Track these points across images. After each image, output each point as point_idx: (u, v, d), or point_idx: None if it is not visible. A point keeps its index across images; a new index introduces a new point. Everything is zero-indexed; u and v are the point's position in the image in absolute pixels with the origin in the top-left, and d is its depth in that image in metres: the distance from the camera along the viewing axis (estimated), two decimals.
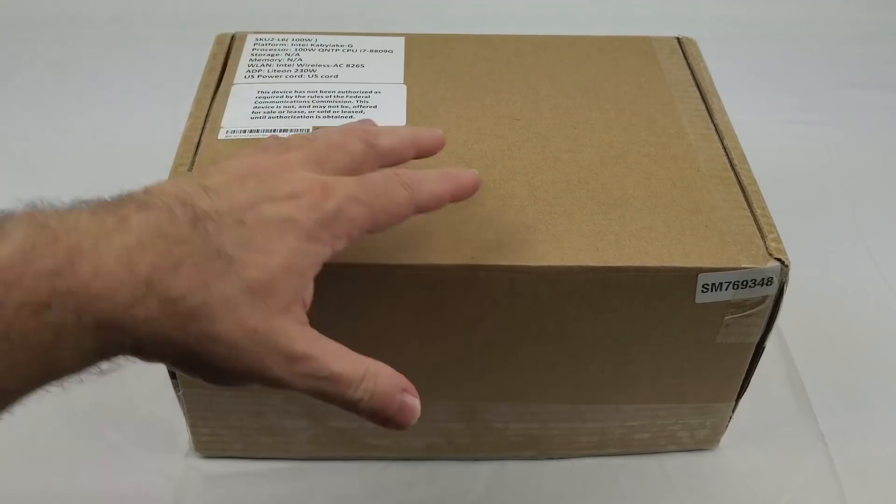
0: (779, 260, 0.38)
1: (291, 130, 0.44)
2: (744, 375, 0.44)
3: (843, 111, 0.75)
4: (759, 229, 0.39)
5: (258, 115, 0.45)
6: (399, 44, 0.52)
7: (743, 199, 0.41)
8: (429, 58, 0.51)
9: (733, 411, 0.47)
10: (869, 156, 0.72)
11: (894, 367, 0.56)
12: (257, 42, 0.52)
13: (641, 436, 0.48)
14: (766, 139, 0.72)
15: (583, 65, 0.51)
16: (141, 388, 0.51)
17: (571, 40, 0.53)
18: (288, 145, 0.32)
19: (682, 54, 0.52)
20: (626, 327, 0.40)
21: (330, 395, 0.29)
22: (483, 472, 0.49)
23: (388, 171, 0.32)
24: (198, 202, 0.27)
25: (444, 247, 0.38)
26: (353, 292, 0.38)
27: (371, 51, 0.51)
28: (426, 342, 0.41)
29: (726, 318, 0.40)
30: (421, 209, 0.33)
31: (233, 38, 0.52)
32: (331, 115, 0.45)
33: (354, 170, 0.32)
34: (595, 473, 0.49)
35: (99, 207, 0.26)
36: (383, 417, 0.31)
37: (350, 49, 0.51)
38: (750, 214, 0.40)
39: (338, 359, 0.29)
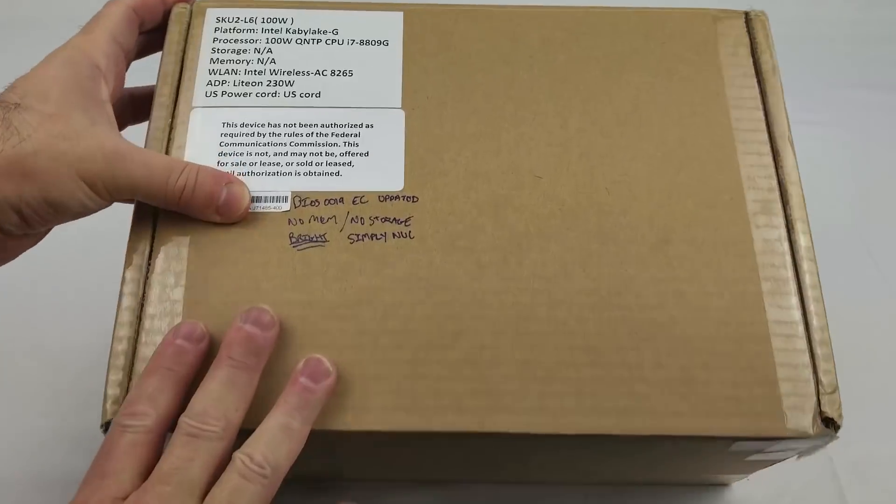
0: (830, 423, 0.33)
1: (266, 196, 0.36)
2: None
3: (843, 111, 0.71)
4: (815, 371, 0.33)
5: (224, 169, 0.37)
6: (396, 27, 0.41)
7: (801, 317, 0.35)
8: (433, 56, 0.41)
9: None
10: (869, 156, 0.69)
11: (894, 367, 0.55)
12: (219, 24, 0.41)
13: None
14: None
15: (625, 72, 0.40)
16: None
17: (613, 20, 0.42)
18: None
19: (749, 47, 0.42)
20: (650, 461, 0.37)
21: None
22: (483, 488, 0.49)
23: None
24: None
25: (454, 406, 0.33)
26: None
27: (361, 42, 0.41)
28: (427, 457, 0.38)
29: (759, 453, 0.36)
30: None
31: (190, 14, 0.41)
32: (313, 169, 0.37)
33: None
34: None
35: None
36: (214, 207, 0.34)
37: (335, 39, 0.41)
38: (807, 346, 0.34)
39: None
